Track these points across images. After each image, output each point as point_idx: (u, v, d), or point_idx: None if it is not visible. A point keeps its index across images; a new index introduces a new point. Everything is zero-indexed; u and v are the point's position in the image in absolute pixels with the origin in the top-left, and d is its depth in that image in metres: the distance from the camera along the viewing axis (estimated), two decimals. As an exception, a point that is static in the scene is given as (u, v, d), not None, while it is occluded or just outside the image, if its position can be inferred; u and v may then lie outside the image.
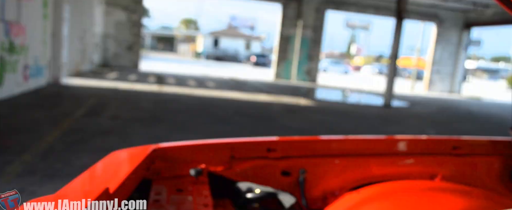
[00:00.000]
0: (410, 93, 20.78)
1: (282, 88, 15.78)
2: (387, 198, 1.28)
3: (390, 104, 13.46)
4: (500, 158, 1.51)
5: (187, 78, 16.19)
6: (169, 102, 9.07)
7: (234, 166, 1.26)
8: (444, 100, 17.31)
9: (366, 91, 18.13)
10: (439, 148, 1.45)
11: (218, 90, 12.53)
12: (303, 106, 11.03)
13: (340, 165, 1.37)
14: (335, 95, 15.70)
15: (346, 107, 12.49)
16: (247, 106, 10.02)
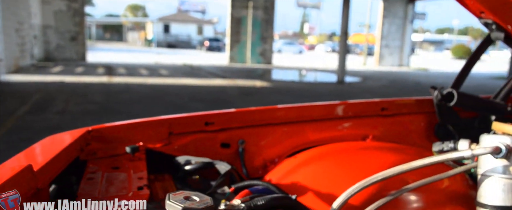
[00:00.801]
0: (362, 68, 21.56)
1: (237, 71, 15.79)
2: (322, 159, 1.36)
3: (343, 80, 13.92)
4: (424, 115, 1.63)
5: (139, 67, 15.75)
6: (121, 93, 8.82)
7: (172, 141, 1.28)
8: (394, 73, 18.14)
9: (321, 70, 18.58)
10: (369, 110, 1.55)
11: (172, 78, 12.33)
12: (259, 88, 11.14)
13: (277, 133, 1.43)
14: (290, 75, 15.96)
15: (301, 86, 12.77)
16: (203, 91, 9.97)
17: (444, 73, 19.99)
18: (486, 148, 1.12)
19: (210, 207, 0.71)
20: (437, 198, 1.29)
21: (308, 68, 19.23)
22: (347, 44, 15.53)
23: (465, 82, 1.62)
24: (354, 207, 1.17)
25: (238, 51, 19.88)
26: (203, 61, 20.61)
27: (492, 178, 1.16)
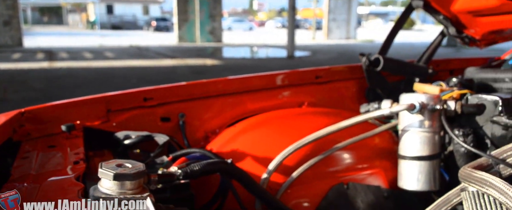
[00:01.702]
0: (311, 42, 21.98)
1: (187, 50, 15.51)
2: (260, 127, 1.43)
3: (293, 55, 14.14)
4: (356, 81, 1.74)
5: (82, 50, 14.99)
6: (63, 78, 8.40)
7: (111, 118, 1.28)
8: (342, 46, 18.67)
9: (271, 46, 18.70)
10: (304, 78, 1.63)
11: (119, 60, 11.89)
12: (210, 66, 11.06)
13: (217, 105, 1.48)
14: (241, 52, 15.95)
15: (252, 62, 12.83)
16: (151, 72, 9.73)
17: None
18: (402, 105, 1.24)
19: (141, 172, 0.75)
20: (366, 154, 1.41)
21: (259, 44, 19.29)
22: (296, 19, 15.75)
23: (406, 52, 1.75)
24: (289, 168, 1.26)
25: (186, 30, 19.46)
26: (150, 42, 19.96)
27: (410, 132, 1.30)
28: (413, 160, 1.28)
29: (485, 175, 0.92)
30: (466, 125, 1.31)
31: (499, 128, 1.23)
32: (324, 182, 1.29)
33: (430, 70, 1.76)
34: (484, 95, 1.29)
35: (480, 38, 1.80)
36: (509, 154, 1.10)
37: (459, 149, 1.28)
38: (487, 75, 1.63)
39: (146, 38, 23.02)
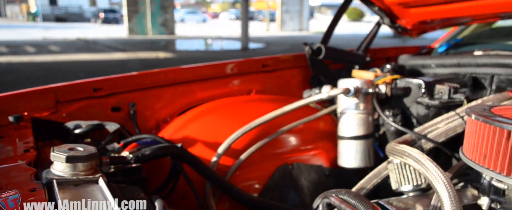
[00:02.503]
0: (265, 34, 22.14)
1: (138, 43, 15.09)
2: (209, 113, 1.50)
3: (247, 47, 14.21)
4: (301, 69, 1.85)
5: (24, 44, 14.10)
6: (4, 74, 7.90)
7: (60, 109, 1.29)
8: (295, 38, 18.98)
9: (225, 38, 18.64)
10: (251, 67, 1.71)
11: (65, 54, 11.33)
12: (163, 59, 10.85)
13: (167, 94, 1.52)
14: (195, 45, 15.76)
15: (207, 54, 12.75)
16: (100, 66, 9.39)
17: (340, 35, 21.55)
18: (339, 90, 1.36)
19: (93, 154, 0.79)
20: (309, 137, 1.52)
21: (213, 37, 19.16)
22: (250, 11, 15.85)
23: (356, 42, 1.87)
24: (238, 151, 1.34)
25: (137, 22, 18.88)
26: (99, 34, 19.15)
27: (347, 114, 1.42)
28: (350, 140, 1.41)
29: (404, 147, 1.05)
30: (396, 106, 1.45)
31: (423, 108, 1.39)
32: (270, 163, 1.38)
33: (367, 58, 1.91)
34: (411, 79, 1.44)
35: (411, 28, 1.97)
36: (430, 130, 1.25)
37: (390, 128, 1.43)
38: (416, 62, 1.80)
39: (94, 31, 22.04)
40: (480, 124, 0.88)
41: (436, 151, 1.29)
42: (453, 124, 1.23)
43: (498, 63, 1.49)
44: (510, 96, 1.30)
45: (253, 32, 19.90)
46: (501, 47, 1.86)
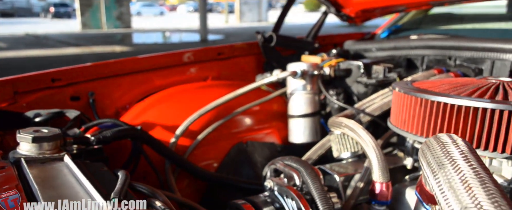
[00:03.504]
0: (224, 26, 22.08)
1: (93, 38, 14.60)
2: (168, 99, 1.58)
3: (206, 39, 14.15)
4: (255, 56, 1.96)
5: (-33, 41, 13.24)
6: None
7: (19, 100, 1.32)
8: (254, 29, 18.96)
9: (184, 30, 18.41)
10: (207, 55, 1.80)
11: (13, 51, 10.77)
12: (120, 53, 10.61)
13: (126, 83, 1.57)
14: (153, 38, 15.48)
15: (165, 47, 12.57)
16: (53, 62, 9.04)
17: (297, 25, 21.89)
18: (286, 72, 1.48)
19: (58, 135, 0.86)
20: (262, 117, 1.64)
21: (171, 29, 18.86)
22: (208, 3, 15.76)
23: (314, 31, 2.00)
24: (195, 132, 1.43)
25: (91, 16, 18.21)
26: (50, 29, 18.29)
27: (295, 95, 1.55)
28: (299, 117, 1.54)
29: (342, 118, 1.20)
30: (339, 86, 1.60)
31: (362, 86, 1.55)
32: (226, 142, 1.49)
33: (316, 44, 2.05)
34: (351, 61, 1.59)
35: (355, 16, 2.13)
36: (367, 105, 1.40)
37: (334, 106, 1.57)
38: (359, 47, 1.96)
39: (44, 26, 20.99)
40: (401, 95, 1.03)
41: (375, 124, 1.45)
42: (387, 99, 1.40)
43: (427, 45, 1.67)
44: (435, 73, 1.48)
45: (212, 24, 19.78)
46: (433, 31, 2.06)
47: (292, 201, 0.88)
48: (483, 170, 0.49)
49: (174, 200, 1.21)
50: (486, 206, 0.43)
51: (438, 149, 0.56)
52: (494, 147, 0.86)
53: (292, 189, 0.89)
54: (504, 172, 0.98)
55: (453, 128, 0.89)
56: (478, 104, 0.86)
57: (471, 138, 0.88)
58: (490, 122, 0.86)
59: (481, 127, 0.86)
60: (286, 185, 0.91)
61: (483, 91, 0.94)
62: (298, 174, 0.93)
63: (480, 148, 0.87)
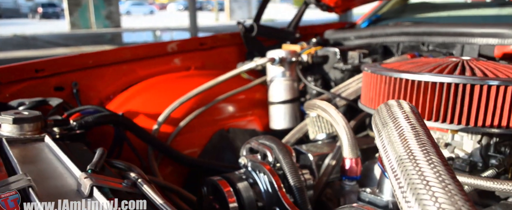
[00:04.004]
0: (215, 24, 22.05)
1: (82, 38, 14.50)
2: (151, 88, 1.61)
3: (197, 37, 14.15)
4: (237, 46, 2.00)
5: (-46, 43, 13.08)
6: None
7: (3, 90, 1.34)
8: (242, 26, 19.01)
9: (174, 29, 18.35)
10: (189, 46, 1.84)
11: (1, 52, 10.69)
12: (109, 52, 10.54)
13: (109, 73, 1.61)
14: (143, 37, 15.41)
15: (154, 45, 12.50)
16: (43, 61, 8.97)
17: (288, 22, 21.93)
18: (265, 59, 1.53)
19: (38, 116, 0.89)
20: (244, 105, 1.69)
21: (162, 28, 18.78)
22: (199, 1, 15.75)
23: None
24: (177, 119, 1.47)
25: (80, 16, 18.07)
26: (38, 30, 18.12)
27: (275, 82, 1.60)
28: (279, 104, 1.59)
29: (315, 100, 1.25)
30: (317, 72, 1.65)
31: (339, 72, 1.60)
32: (209, 129, 1.53)
33: (297, 34, 2.10)
34: (328, 48, 1.64)
35: (334, 6, 2.18)
36: (343, 90, 1.46)
37: (312, 91, 1.62)
38: (338, 35, 2.02)
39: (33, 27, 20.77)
40: (369, 74, 1.08)
41: (352, 108, 1.50)
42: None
43: (402, 32, 1.73)
44: (408, 58, 1.54)
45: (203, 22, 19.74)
46: (410, 19, 2.13)
47: (265, 176, 0.93)
48: (420, 126, 0.54)
49: (157, 183, 1.25)
50: (417, 153, 0.48)
51: (384, 111, 0.61)
52: (451, 119, 0.92)
53: (265, 164, 0.94)
54: (465, 146, 1.03)
55: (414, 102, 0.95)
56: (436, 79, 0.91)
57: (430, 112, 0.93)
58: (447, 95, 0.91)
59: (439, 100, 0.92)
60: (259, 161, 0.96)
61: (443, 68, 0.99)
62: (271, 151, 0.98)
63: (439, 121, 0.93)
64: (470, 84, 0.89)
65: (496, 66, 1.00)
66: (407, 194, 0.43)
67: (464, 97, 0.89)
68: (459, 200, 0.40)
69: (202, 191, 0.98)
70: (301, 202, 0.89)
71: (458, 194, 0.41)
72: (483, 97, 0.90)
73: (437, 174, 0.43)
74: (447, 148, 1.04)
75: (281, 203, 0.88)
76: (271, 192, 0.91)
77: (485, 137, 0.99)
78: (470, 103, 0.90)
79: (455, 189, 0.42)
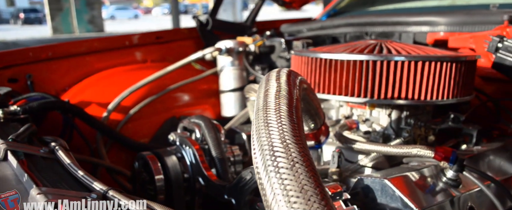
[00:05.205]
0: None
1: (65, 42, 14.37)
2: (105, 79, 1.67)
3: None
4: (194, 40, 2.07)
5: None
6: None
7: (-46, 82, 1.40)
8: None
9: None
10: (145, 39, 1.90)
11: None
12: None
13: (64, 66, 1.66)
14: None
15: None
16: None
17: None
18: (211, 48, 1.60)
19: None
20: (196, 95, 1.77)
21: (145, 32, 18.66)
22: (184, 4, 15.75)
23: None
24: (128, 107, 1.54)
25: (62, 21, 17.91)
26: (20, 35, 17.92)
27: (225, 71, 1.68)
28: (229, 92, 1.67)
29: (251, 85, 1.32)
30: (265, 61, 1.74)
31: (284, 61, 1.68)
32: (160, 117, 1.60)
33: (254, 29, 2.18)
34: (275, 38, 1.72)
35: (290, 1, 2.28)
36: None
37: (260, 80, 1.70)
38: (292, 29, 2.10)
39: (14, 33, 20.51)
40: (294, 57, 1.17)
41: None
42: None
43: (347, 23, 1.82)
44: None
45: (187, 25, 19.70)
46: (362, 12, 2.23)
47: (190, 149, 1.00)
48: (288, 87, 0.61)
49: (103, 166, 1.32)
50: (270, 106, 0.55)
51: (264, 79, 0.68)
52: (359, 93, 1.00)
53: (189, 138, 1.01)
54: (381, 121, 1.12)
55: (328, 79, 1.03)
56: (347, 57, 1.00)
57: (341, 87, 1.02)
58: (358, 71, 1.00)
59: (348, 76, 1.01)
60: (186, 137, 1.03)
61: (361, 49, 1.08)
62: (199, 127, 1.05)
63: (349, 95, 1.02)
64: (379, 61, 0.98)
65: (405, 46, 1.09)
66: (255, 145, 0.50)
67: (370, 73, 0.98)
68: (294, 152, 0.46)
69: (134, 166, 1.05)
70: (222, 172, 0.96)
71: (293, 143, 0.47)
72: (391, 73, 0.99)
73: (281, 134, 0.49)
74: (366, 123, 1.13)
75: (202, 174, 0.95)
76: (195, 163, 0.98)
77: (394, 110, 1.08)
78: (380, 78, 0.99)
79: (290, 138, 0.48)
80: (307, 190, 0.44)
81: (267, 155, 0.48)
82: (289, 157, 0.47)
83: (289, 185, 0.44)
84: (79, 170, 0.67)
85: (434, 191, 0.86)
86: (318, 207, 0.42)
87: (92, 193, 0.58)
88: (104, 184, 0.61)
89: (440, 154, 0.86)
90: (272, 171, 0.46)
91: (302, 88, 0.70)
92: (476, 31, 1.43)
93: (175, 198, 0.97)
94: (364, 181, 0.84)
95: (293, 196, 0.43)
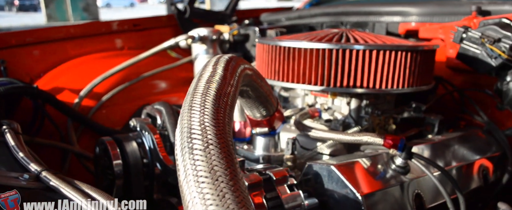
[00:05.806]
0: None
1: (58, 29, 14.25)
2: (79, 66, 1.68)
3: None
4: (172, 28, 2.07)
5: None
6: None
7: None
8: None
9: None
10: (122, 27, 1.90)
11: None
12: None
13: (39, 52, 1.66)
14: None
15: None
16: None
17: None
18: (184, 36, 1.61)
19: None
20: (171, 82, 1.77)
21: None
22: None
23: None
24: (100, 94, 1.55)
25: (56, 8, 17.73)
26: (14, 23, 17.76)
27: (198, 59, 1.69)
28: (203, 80, 1.68)
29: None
30: (240, 50, 1.75)
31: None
32: (133, 104, 1.61)
33: (234, 17, 2.18)
34: (250, 27, 1.73)
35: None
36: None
37: (233, 68, 1.71)
38: (271, 18, 2.11)
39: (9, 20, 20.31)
40: (259, 45, 1.17)
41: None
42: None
43: (323, 12, 1.83)
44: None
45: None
46: (343, 2, 2.23)
47: (149, 135, 1.01)
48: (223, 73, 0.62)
49: (71, 151, 1.33)
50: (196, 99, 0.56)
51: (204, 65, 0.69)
52: (315, 81, 1.02)
53: (149, 124, 1.03)
54: (343, 109, 1.14)
55: (292, 68, 1.04)
56: (307, 45, 1.01)
57: (305, 76, 1.03)
58: (316, 59, 1.01)
59: (311, 65, 1.02)
60: (146, 123, 1.04)
61: (321, 38, 1.09)
62: (160, 114, 1.06)
63: (306, 83, 1.03)
64: (336, 50, 0.99)
65: (366, 35, 1.11)
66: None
67: (326, 61, 0.99)
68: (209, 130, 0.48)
69: (95, 151, 1.06)
70: (180, 157, 0.97)
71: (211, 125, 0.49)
72: (346, 61, 1.00)
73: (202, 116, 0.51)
74: (328, 111, 1.15)
75: (159, 159, 0.97)
76: (153, 149, 0.99)
77: (354, 99, 1.10)
78: (337, 66, 1.00)
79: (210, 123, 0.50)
80: (216, 171, 0.45)
81: (185, 137, 0.49)
82: (204, 139, 0.48)
83: (200, 165, 0.45)
84: (20, 152, 0.69)
85: (383, 178, 0.88)
86: (225, 187, 0.44)
87: (24, 174, 0.59)
88: (40, 165, 0.63)
89: (388, 141, 0.87)
90: (186, 153, 0.47)
91: (245, 74, 0.71)
92: (446, 22, 1.45)
93: (134, 182, 0.98)
94: (313, 167, 0.86)
95: (202, 176, 0.44)
